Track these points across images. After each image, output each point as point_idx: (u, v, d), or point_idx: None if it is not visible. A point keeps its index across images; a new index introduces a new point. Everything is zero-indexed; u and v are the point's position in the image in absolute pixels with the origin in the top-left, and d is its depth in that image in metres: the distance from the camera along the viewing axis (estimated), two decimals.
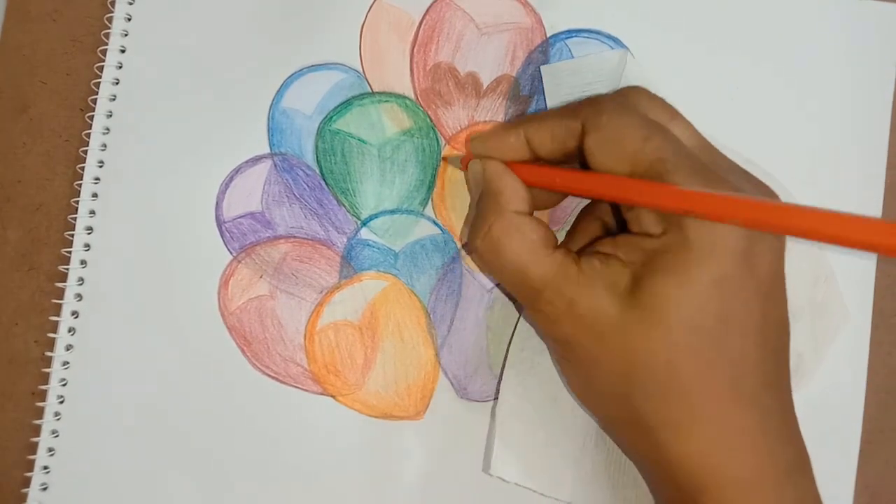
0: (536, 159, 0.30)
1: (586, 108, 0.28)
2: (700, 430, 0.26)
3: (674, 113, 0.29)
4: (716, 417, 0.25)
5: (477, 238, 0.29)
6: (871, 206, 0.35)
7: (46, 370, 0.34)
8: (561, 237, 0.34)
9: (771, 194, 0.28)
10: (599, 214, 0.32)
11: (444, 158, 0.35)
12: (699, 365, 0.25)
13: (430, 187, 0.35)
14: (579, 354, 0.28)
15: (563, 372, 0.31)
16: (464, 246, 0.35)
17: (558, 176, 0.29)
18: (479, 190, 0.31)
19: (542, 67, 0.35)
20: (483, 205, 0.30)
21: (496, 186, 0.29)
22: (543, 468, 0.33)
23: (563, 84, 0.34)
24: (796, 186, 0.35)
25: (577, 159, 0.29)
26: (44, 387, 0.34)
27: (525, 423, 0.33)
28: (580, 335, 0.27)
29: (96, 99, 0.35)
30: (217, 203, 0.35)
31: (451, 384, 0.34)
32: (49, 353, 0.34)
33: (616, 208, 0.31)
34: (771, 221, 0.24)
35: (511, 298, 0.35)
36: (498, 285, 0.35)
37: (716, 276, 0.25)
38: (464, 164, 0.33)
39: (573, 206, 0.35)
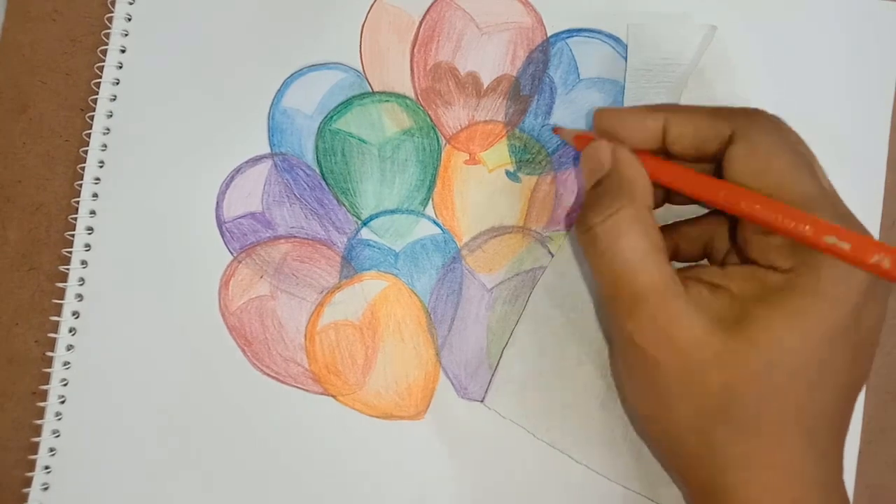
0: (662, 152, 0.29)
1: (741, 116, 0.27)
2: (768, 474, 0.25)
3: (811, 153, 0.28)
4: (786, 464, 0.25)
5: (597, 218, 0.27)
6: (871, 206, 0.35)
7: (47, 370, 0.34)
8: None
9: None
10: (706, 233, 0.30)
11: (556, 130, 0.33)
12: (788, 410, 0.25)
13: (431, 187, 0.35)
14: (666, 376, 0.26)
15: (632, 392, 0.29)
16: (580, 218, 0.32)
17: (700, 181, 0.27)
18: (596, 175, 0.29)
19: (629, 25, 0.34)
20: (610, 188, 0.28)
21: (631, 174, 0.28)
22: (537, 411, 0.33)
23: (647, 45, 0.34)
24: None
25: (708, 167, 0.28)
26: (44, 387, 0.34)
27: (528, 366, 0.33)
28: (674, 357, 0.26)
29: (96, 99, 0.35)
30: (217, 203, 0.35)
31: (452, 384, 0.34)
32: (50, 353, 0.34)
33: (733, 233, 0.29)
34: None
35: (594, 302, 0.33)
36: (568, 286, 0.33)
37: (833, 327, 0.24)
38: (577, 141, 0.31)
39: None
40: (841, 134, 0.36)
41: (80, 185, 0.35)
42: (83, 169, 0.35)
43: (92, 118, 0.35)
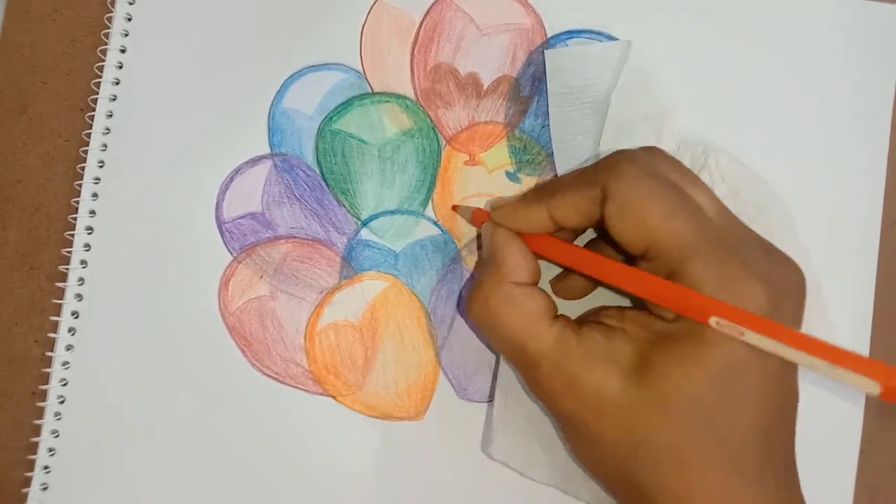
0: (562, 229, 0.29)
1: (604, 174, 0.27)
2: (702, 498, 0.25)
3: (693, 178, 0.28)
4: (717, 491, 0.25)
5: (474, 304, 0.29)
6: (871, 206, 0.35)
7: (46, 370, 0.34)
8: None
9: (795, 269, 0.28)
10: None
11: (454, 207, 0.35)
12: (701, 443, 0.25)
13: (431, 188, 0.35)
14: (580, 429, 0.27)
15: (566, 441, 0.30)
16: (461, 309, 0.34)
17: (572, 255, 0.29)
18: (485, 254, 0.30)
19: (546, 52, 0.35)
20: (484, 272, 0.29)
21: (500, 256, 0.29)
22: (526, 453, 0.33)
23: (565, 70, 0.34)
24: (797, 188, 0.35)
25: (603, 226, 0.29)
26: (44, 387, 0.34)
27: (518, 413, 0.33)
28: (581, 411, 0.27)
29: (96, 99, 0.35)
30: (217, 203, 0.35)
31: (452, 385, 0.34)
32: (49, 353, 0.34)
33: None
34: (781, 344, 0.24)
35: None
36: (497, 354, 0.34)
37: (726, 363, 0.25)
38: (475, 220, 0.33)
39: None
40: (841, 134, 0.36)
41: (80, 185, 0.35)
42: (83, 169, 0.35)
43: (92, 118, 0.35)
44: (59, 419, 0.34)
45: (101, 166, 0.35)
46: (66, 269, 0.34)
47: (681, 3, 0.36)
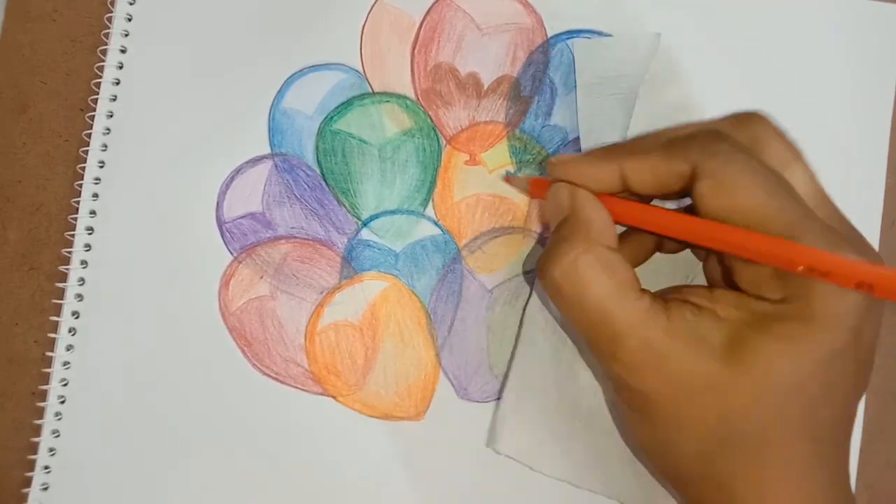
0: (625, 194, 0.28)
1: (697, 150, 0.26)
2: (777, 494, 0.25)
3: (797, 153, 0.27)
4: (793, 482, 0.25)
5: (556, 267, 0.26)
6: (871, 206, 0.35)
7: (47, 370, 0.34)
8: None
9: (876, 255, 0.27)
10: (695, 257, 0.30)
11: (507, 179, 0.34)
12: (791, 428, 0.25)
13: (431, 188, 0.35)
14: (661, 410, 0.26)
15: (631, 427, 0.28)
16: (527, 273, 0.33)
17: (660, 217, 0.27)
18: (559, 217, 0.28)
19: (575, 41, 0.34)
20: (568, 232, 0.27)
21: (587, 215, 0.27)
22: (542, 448, 0.33)
23: (594, 60, 0.34)
24: None
25: (678, 199, 0.28)
26: (44, 387, 0.34)
27: (531, 404, 0.33)
28: (667, 390, 0.25)
29: (96, 99, 0.35)
30: (217, 203, 0.35)
31: (452, 385, 0.34)
32: (49, 353, 0.34)
33: (721, 259, 0.28)
34: None
35: (574, 339, 0.32)
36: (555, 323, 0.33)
37: (830, 351, 0.24)
38: (533, 190, 0.32)
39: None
40: (841, 134, 0.36)
41: (80, 185, 0.34)
42: (83, 169, 0.35)
43: (92, 118, 0.35)
44: (59, 419, 0.34)
45: (101, 166, 0.35)
46: (66, 269, 0.34)
47: (680, 4, 0.36)
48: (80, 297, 0.34)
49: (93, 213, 0.34)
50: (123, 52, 0.35)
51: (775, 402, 0.24)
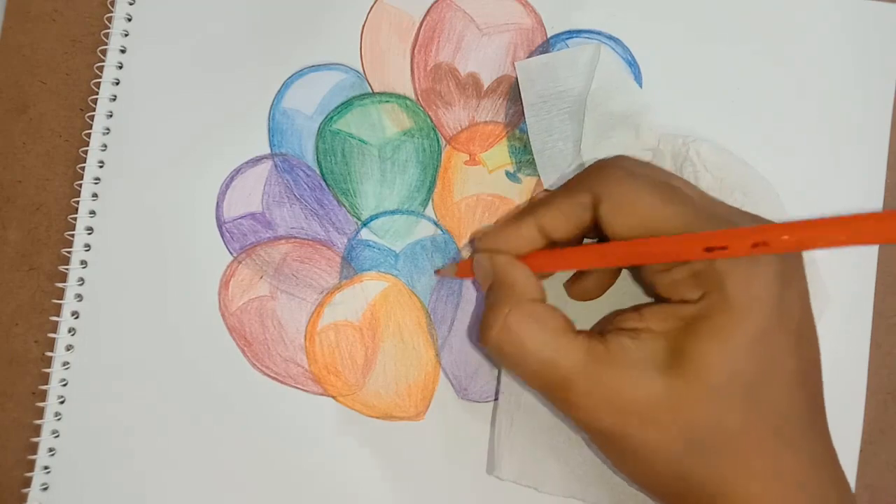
0: (552, 244, 0.29)
1: (591, 179, 0.28)
2: (755, 484, 0.25)
3: (668, 173, 0.29)
4: (767, 468, 0.25)
5: (492, 331, 0.27)
6: (871, 206, 0.35)
7: (46, 370, 0.34)
8: None
9: None
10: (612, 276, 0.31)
11: (437, 272, 0.34)
12: (746, 419, 0.25)
13: (431, 188, 0.35)
14: (627, 442, 0.26)
15: (609, 460, 0.29)
16: (477, 340, 0.33)
17: (575, 256, 0.28)
18: (486, 284, 0.29)
19: (516, 63, 0.35)
20: (495, 297, 0.28)
21: (508, 277, 0.28)
22: (544, 466, 0.33)
23: (537, 79, 0.34)
24: (797, 187, 0.35)
25: (593, 234, 0.29)
26: (44, 387, 0.34)
27: (522, 427, 0.33)
28: (625, 423, 0.26)
29: (96, 99, 0.35)
30: (217, 203, 0.35)
31: (452, 385, 0.34)
32: (49, 353, 0.34)
33: (642, 276, 0.29)
34: (815, 237, 0.23)
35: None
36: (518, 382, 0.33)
37: (756, 331, 0.25)
38: (461, 272, 0.32)
39: None
40: (841, 134, 0.36)
41: (80, 185, 0.35)
42: (83, 169, 0.35)
43: (92, 118, 0.35)
44: (59, 419, 0.34)
45: (101, 166, 0.35)
46: (66, 269, 0.34)
47: (680, 3, 0.36)
48: (79, 297, 0.34)
49: (93, 213, 0.34)
50: (123, 52, 0.35)
51: (722, 399, 0.25)
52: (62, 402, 0.34)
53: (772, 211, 0.32)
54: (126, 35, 0.35)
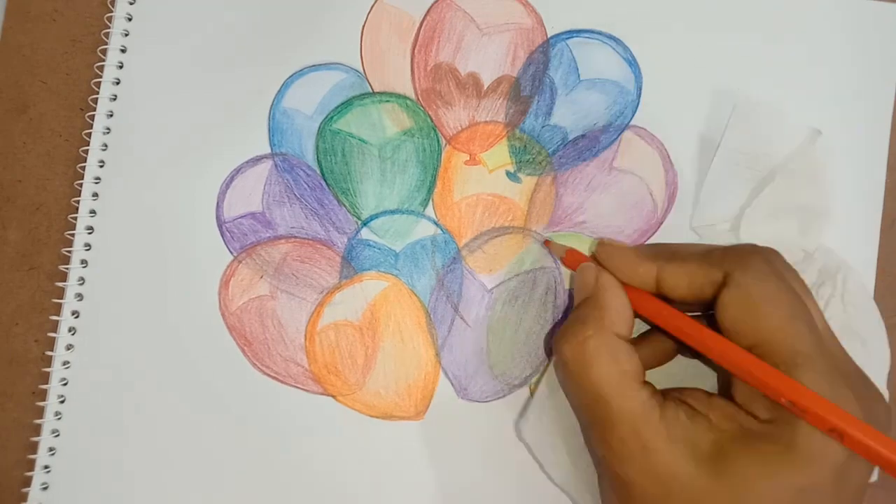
0: (660, 294, 0.29)
1: (733, 258, 0.27)
2: None
3: (806, 289, 0.28)
4: None
5: (568, 344, 0.28)
6: (871, 206, 0.35)
7: (47, 370, 0.34)
8: None
9: (887, 408, 0.27)
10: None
11: (547, 243, 0.34)
12: None
13: (431, 187, 0.35)
14: (639, 501, 0.26)
15: (610, 500, 0.29)
16: (547, 343, 0.34)
17: (675, 319, 0.28)
18: (582, 295, 0.29)
19: (738, 102, 0.34)
20: (585, 313, 0.28)
21: (606, 301, 0.28)
22: (555, 452, 0.33)
23: (749, 129, 0.34)
24: None
25: (705, 308, 0.28)
26: (44, 386, 0.34)
27: (556, 403, 0.33)
28: (646, 483, 0.26)
29: (96, 99, 0.35)
30: (217, 203, 0.35)
31: (452, 384, 0.34)
32: (49, 353, 0.34)
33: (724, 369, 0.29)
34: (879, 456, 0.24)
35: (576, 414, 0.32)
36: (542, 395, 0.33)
37: (808, 483, 0.24)
38: (567, 260, 0.32)
39: None
40: (841, 134, 0.36)
41: (80, 185, 0.35)
42: (83, 169, 0.35)
43: (92, 118, 0.35)
44: (59, 419, 0.34)
45: (101, 166, 0.35)
46: (66, 269, 0.34)
47: (680, 3, 0.36)
48: (80, 297, 0.34)
49: (93, 212, 0.34)
50: (123, 51, 0.35)
51: None
52: (62, 402, 0.34)
53: (875, 372, 0.31)
54: (126, 35, 0.35)
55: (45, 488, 0.33)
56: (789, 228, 0.33)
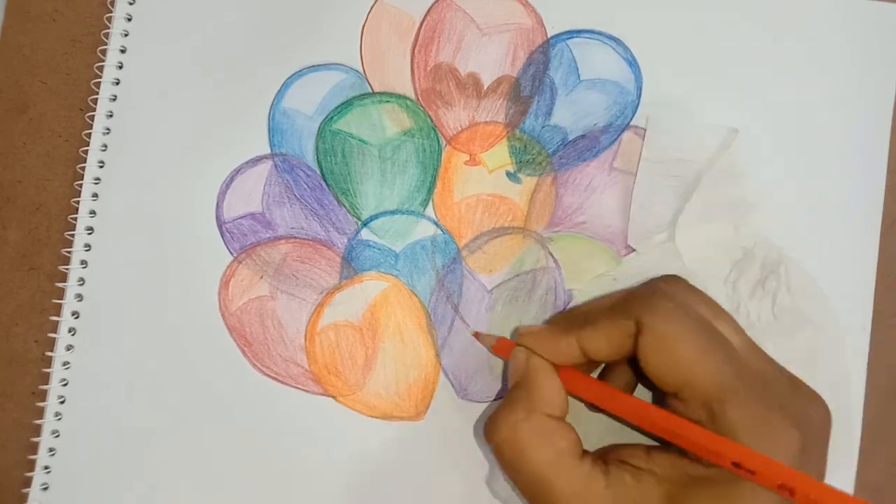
0: (590, 362, 0.29)
1: (638, 305, 0.27)
2: None
3: (718, 310, 0.28)
4: None
5: (498, 431, 0.28)
6: (871, 206, 0.35)
7: (47, 370, 0.34)
8: None
9: (822, 405, 0.28)
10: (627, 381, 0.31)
11: (476, 335, 0.34)
12: None
13: (431, 188, 0.35)
14: None
15: None
16: (485, 429, 0.34)
17: (604, 395, 0.28)
18: (515, 379, 0.30)
19: (649, 115, 0.35)
20: (515, 397, 0.28)
21: (534, 384, 0.28)
22: None
23: (665, 137, 0.34)
24: (797, 187, 0.35)
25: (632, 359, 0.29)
26: (44, 387, 0.34)
27: None
28: None
29: (96, 99, 0.35)
30: (217, 203, 0.35)
31: (452, 385, 0.34)
32: (49, 353, 0.34)
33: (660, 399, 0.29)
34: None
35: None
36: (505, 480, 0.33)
37: None
38: (497, 348, 0.33)
39: None
40: (841, 134, 0.36)
41: (80, 185, 0.35)
42: (83, 169, 0.35)
43: (92, 118, 0.35)
44: (59, 419, 0.34)
45: (101, 166, 0.35)
46: (66, 269, 0.34)
47: (680, 3, 0.36)
48: (80, 297, 0.34)
49: (93, 213, 0.34)
50: (123, 52, 0.35)
51: None
52: (62, 402, 0.34)
53: (831, 355, 0.32)
54: (126, 35, 0.35)
55: (45, 489, 0.33)
56: (724, 228, 0.34)
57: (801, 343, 0.28)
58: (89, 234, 0.34)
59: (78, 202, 0.34)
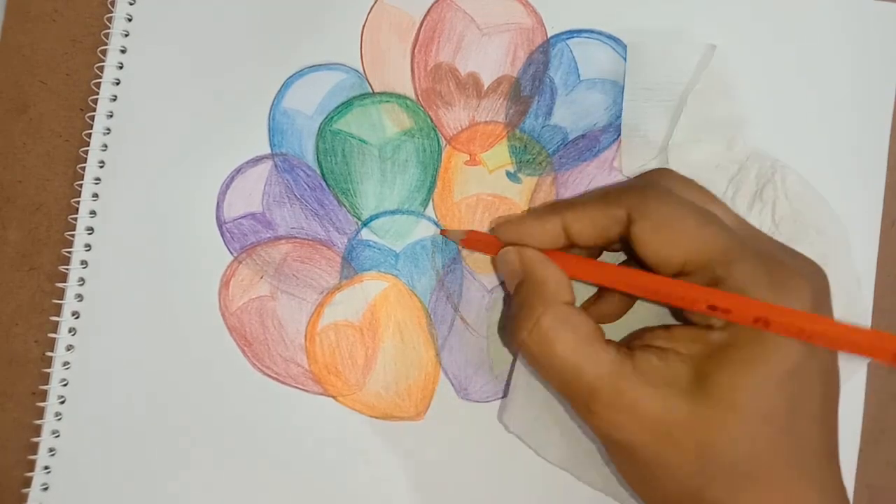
0: (571, 247, 0.29)
1: (630, 195, 0.27)
2: None
3: (710, 195, 0.29)
4: (783, 499, 0.25)
5: (523, 331, 0.27)
6: (871, 206, 0.35)
7: (47, 370, 0.34)
8: None
9: (819, 268, 0.28)
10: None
11: (443, 232, 0.34)
12: (772, 451, 0.25)
13: (431, 188, 0.35)
14: (644, 457, 0.26)
15: (621, 473, 0.29)
16: (503, 338, 0.34)
17: (608, 273, 0.28)
18: (514, 280, 0.29)
19: (629, 42, 0.35)
20: (526, 295, 0.28)
21: (540, 275, 0.28)
22: (548, 434, 0.33)
23: (646, 64, 0.34)
24: None
25: (620, 248, 0.29)
26: (44, 387, 0.34)
27: (537, 385, 0.33)
28: (646, 438, 0.26)
29: (96, 99, 0.35)
30: (217, 203, 0.35)
31: (452, 385, 0.34)
32: (49, 353, 0.34)
33: None
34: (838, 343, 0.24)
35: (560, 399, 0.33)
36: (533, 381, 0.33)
37: (788, 366, 0.25)
38: (468, 241, 0.32)
39: None
40: (841, 134, 0.36)
41: (80, 185, 0.35)
42: (83, 169, 0.35)
43: (92, 118, 0.35)
44: (59, 419, 0.34)
45: (101, 166, 0.35)
46: (66, 269, 0.34)
47: (680, 3, 0.36)
48: (80, 297, 0.34)
49: (93, 213, 0.34)
50: (123, 52, 0.35)
51: (747, 428, 0.25)
52: (62, 402, 0.34)
53: (839, 257, 0.32)
54: (126, 35, 0.35)
55: (45, 489, 0.33)
56: (716, 146, 0.34)
57: (807, 249, 0.28)
58: (89, 234, 0.34)
59: (78, 202, 0.34)
